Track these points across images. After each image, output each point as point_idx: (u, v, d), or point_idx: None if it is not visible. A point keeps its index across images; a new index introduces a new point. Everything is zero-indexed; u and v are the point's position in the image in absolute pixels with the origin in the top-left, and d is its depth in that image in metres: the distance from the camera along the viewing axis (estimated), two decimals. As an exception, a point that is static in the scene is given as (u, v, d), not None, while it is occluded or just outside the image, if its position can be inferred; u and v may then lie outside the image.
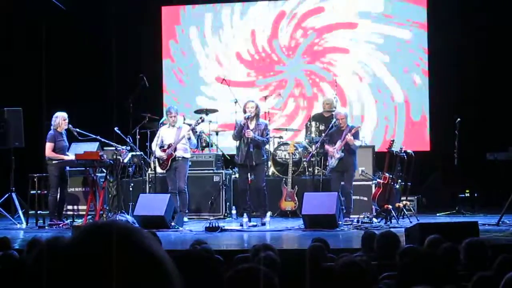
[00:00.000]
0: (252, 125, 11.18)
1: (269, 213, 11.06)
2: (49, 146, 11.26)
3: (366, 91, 14.21)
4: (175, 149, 11.30)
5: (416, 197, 12.38)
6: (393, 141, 11.41)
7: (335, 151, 11.10)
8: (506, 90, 13.21)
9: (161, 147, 11.41)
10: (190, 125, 11.92)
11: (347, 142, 11.05)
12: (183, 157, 11.40)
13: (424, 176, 13.13)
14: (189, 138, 11.38)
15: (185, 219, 11.27)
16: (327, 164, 11.56)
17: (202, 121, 11.87)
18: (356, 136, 11.22)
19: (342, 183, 11.25)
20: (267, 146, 12.16)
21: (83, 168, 11.45)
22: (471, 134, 12.61)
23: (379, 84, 14.21)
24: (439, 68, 13.79)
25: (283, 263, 4.54)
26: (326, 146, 11.38)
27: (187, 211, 11.39)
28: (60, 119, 11.33)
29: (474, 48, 13.46)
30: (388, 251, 5.31)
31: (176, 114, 11.50)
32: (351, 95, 13.89)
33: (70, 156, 11.26)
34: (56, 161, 11.21)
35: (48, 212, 11.48)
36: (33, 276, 1.39)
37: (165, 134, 11.46)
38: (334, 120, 11.26)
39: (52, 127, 11.36)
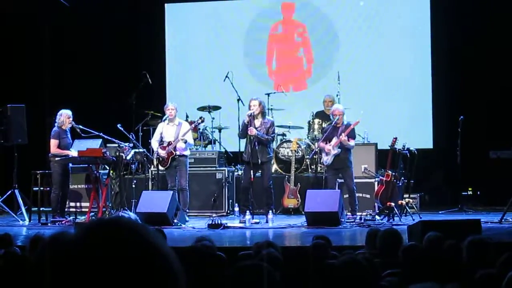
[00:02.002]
0: (257, 122, 11.17)
1: (271, 211, 11.05)
2: (54, 143, 11.27)
3: (368, 88, 14.19)
4: (174, 147, 11.28)
5: (418, 195, 12.37)
6: (396, 138, 11.40)
7: (331, 148, 11.04)
8: (509, 87, 13.18)
9: (161, 144, 11.38)
10: (193, 122, 11.91)
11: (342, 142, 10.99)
12: (183, 155, 11.38)
13: (427, 174, 13.12)
14: (185, 142, 11.32)
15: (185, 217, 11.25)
16: (322, 161, 11.53)
17: (202, 121, 11.86)
18: (352, 134, 11.15)
19: (340, 180, 11.23)
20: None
21: (86, 165, 11.45)
22: (474, 132, 12.60)
23: (382, 81, 14.18)
24: (443, 65, 13.76)
25: (286, 260, 4.54)
26: (320, 144, 11.30)
27: (187, 209, 11.38)
28: (64, 117, 11.33)
29: (478, 45, 13.43)
30: (391, 249, 5.31)
31: (174, 108, 11.45)
32: (353, 91, 13.85)
33: (74, 153, 11.27)
34: (60, 158, 11.21)
35: (51, 209, 11.49)
36: (36, 272, 1.39)
37: (165, 131, 11.43)
38: (337, 117, 11.17)
39: (56, 124, 11.37)
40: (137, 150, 12.10)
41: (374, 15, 14.35)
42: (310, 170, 12.73)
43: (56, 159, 11.24)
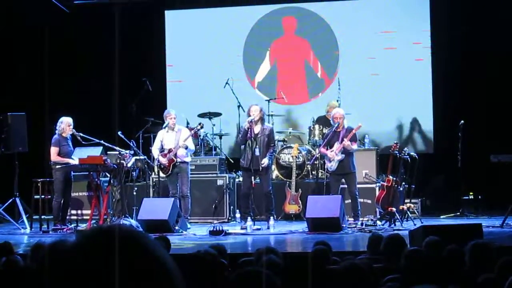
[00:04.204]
0: (257, 128, 11.18)
1: (272, 217, 11.04)
2: (54, 150, 11.27)
3: (368, 93, 14.17)
4: (175, 154, 11.28)
5: (419, 200, 12.36)
6: (396, 143, 11.40)
7: (334, 153, 11.03)
8: (510, 92, 13.18)
9: (162, 151, 11.38)
10: (192, 128, 11.90)
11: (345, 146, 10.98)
12: (184, 161, 11.38)
13: (428, 179, 13.12)
14: (186, 147, 11.34)
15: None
16: (326, 167, 11.52)
17: (202, 127, 11.85)
18: (353, 137, 11.14)
19: (342, 186, 11.21)
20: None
21: (87, 173, 11.45)
22: (474, 136, 12.60)
23: (382, 86, 14.17)
24: (443, 69, 13.77)
25: (287, 266, 4.53)
26: (321, 149, 11.29)
27: (188, 216, 11.37)
28: (65, 124, 11.34)
29: (478, 49, 13.44)
30: (395, 254, 5.31)
31: (175, 116, 11.47)
32: (353, 96, 13.83)
33: (75, 160, 11.27)
34: (60, 166, 11.22)
35: (52, 216, 11.49)
36: (36, 280, 1.39)
37: (165, 139, 11.44)
38: (337, 122, 11.14)
39: (56, 132, 11.38)
40: (138, 157, 12.10)
41: (374, 20, 14.34)
42: (311, 176, 12.73)
43: (57, 166, 11.24)
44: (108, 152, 11.95)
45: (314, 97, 14.51)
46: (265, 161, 11.03)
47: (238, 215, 11.76)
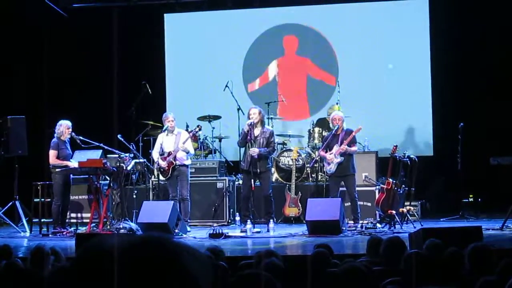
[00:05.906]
0: (257, 131, 11.17)
1: (272, 219, 11.04)
2: (52, 153, 11.28)
3: (368, 95, 14.18)
4: (175, 157, 11.28)
5: (419, 202, 12.36)
6: (396, 146, 11.40)
7: (333, 156, 11.03)
8: (510, 94, 13.20)
9: (161, 155, 11.38)
10: (191, 131, 11.91)
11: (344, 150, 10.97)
12: (184, 164, 11.38)
13: (428, 181, 13.11)
14: (187, 152, 11.35)
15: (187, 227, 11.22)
16: (324, 170, 11.52)
17: (200, 129, 11.84)
18: (353, 140, 11.13)
19: (342, 188, 11.21)
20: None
21: (87, 176, 11.45)
22: (474, 139, 12.60)
23: (382, 89, 14.18)
24: (442, 72, 13.78)
25: (287, 269, 4.53)
26: (321, 152, 11.28)
27: (188, 219, 11.37)
28: (64, 127, 11.34)
29: (478, 51, 13.45)
30: (394, 257, 5.31)
31: (174, 119, 11.47)
32: (353, 99, 13.84)
33: (74, 163, 11.27)
34: (60, 169, 11.22)
35: (51, 220, 11.49)
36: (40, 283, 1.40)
37: (165, 142, 11.43)
38: (337, 125, 11.13)
39: (55, 135, 11.38)
40: (137, 160, 12.10)
41: (373, 25, 14.36)
42: (310, 179, 12.72)
43: (57, 170, 11.24)
44: (108, 155, 11.94)
45: (315, 114, 14.37)
46: (255, 150, 11.00)
47: (238, 218, 11.76)
